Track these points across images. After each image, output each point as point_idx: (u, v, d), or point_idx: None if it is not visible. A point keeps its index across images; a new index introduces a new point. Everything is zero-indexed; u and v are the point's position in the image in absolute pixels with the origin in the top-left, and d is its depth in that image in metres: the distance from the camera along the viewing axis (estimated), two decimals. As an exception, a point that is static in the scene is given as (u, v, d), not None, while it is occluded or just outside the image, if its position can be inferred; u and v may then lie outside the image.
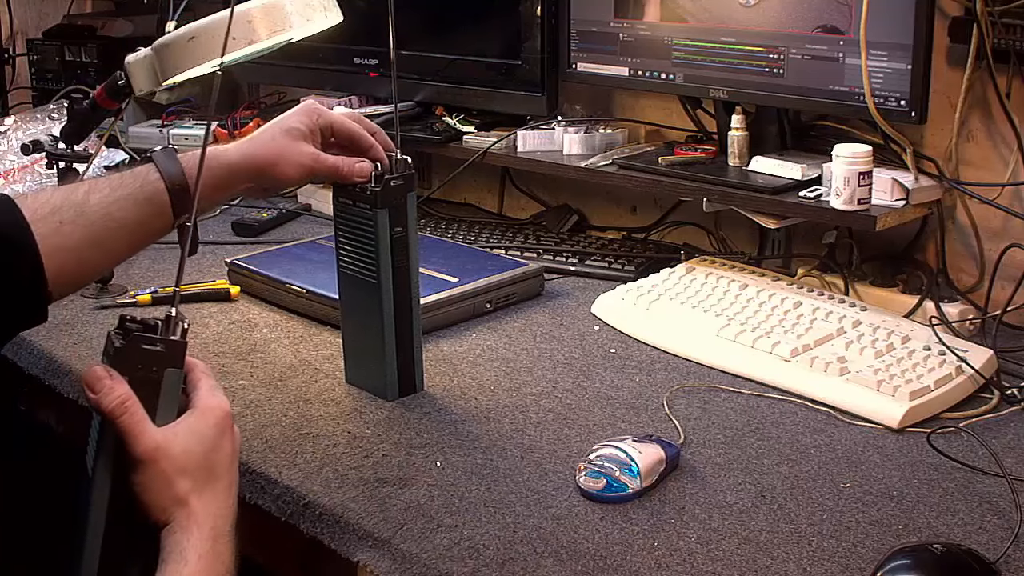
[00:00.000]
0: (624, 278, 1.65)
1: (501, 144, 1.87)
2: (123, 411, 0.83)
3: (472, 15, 1.94)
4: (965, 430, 1.20)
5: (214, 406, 0.89)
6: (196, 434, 0.87)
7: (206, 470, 0.87)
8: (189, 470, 0.85)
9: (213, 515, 0.86)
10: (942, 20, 1.48)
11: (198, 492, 0.86)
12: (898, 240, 1.61)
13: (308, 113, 1.20)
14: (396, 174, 1.23)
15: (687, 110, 1.80)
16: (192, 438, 0.87)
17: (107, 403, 0.83)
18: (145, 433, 0.84)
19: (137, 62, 1.44)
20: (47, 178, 2.02)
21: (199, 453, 0.87)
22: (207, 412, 0.89)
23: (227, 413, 0.90)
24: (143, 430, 0.84)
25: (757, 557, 0.98)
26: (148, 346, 0.85)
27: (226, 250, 1.79)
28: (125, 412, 0.83)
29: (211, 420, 0.88)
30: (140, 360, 0.85)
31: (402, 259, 1.26)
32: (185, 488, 0.85)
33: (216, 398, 0.90)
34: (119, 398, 0.83)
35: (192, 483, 0.86)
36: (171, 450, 0.84)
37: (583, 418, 1.25)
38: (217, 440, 0.88)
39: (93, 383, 0.83)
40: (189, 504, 0.85)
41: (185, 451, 0.86)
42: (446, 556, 0.99)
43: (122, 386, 0.84)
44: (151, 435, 0.84)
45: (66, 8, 2.76)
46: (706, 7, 1.63)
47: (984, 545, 0.99)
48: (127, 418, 0.83)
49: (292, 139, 1.17)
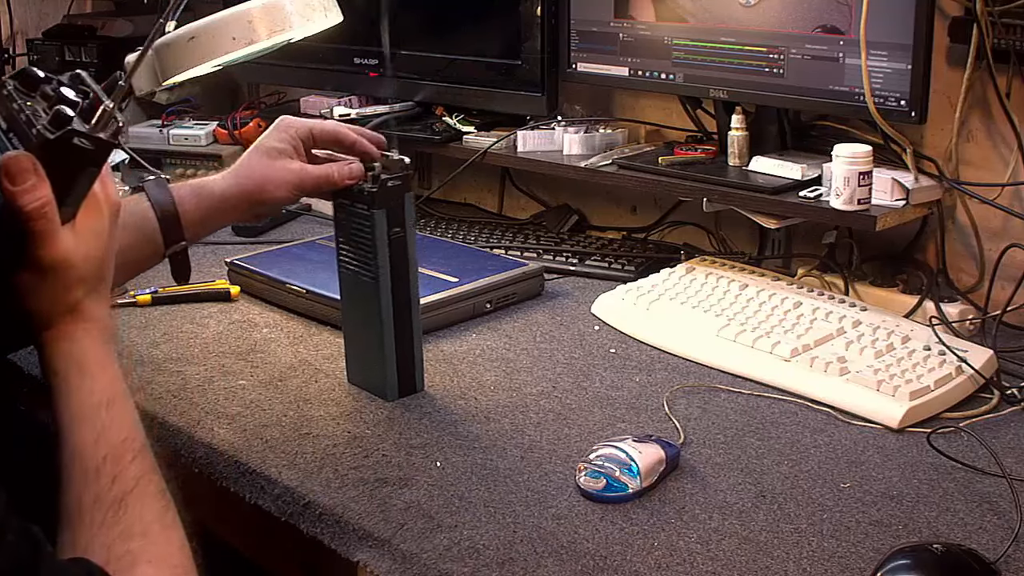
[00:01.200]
0: (624, 278, 1.65)
1: (501, 144, 1.87)
2: (41, 215, 0.77)
3: (472, 15, 1.94)
4: (965, 430, 1.19)
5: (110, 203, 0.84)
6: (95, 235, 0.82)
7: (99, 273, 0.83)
8: (86, 277, 0.81)
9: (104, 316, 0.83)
10: (942, 20, 1.48)
11: (88, 296, 0.81)
12: (898, 240, 1.61)
13: (283, 129, 1.19)
14: (392, 175, 1.23)
15: (687, 110, 1.80)
16: (92, 241, 0.82)
17: (27, 201, 0.77)
18: (57, 239, 0.78)
19: (137, 62, 1.44)
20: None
21: (96, 257, 0.82)
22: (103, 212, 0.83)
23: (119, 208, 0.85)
24: (55, 236, 0.78)
25: (757, 557, 0.98)
26: (79, 142, 0.79)
27: (226, 250, 1.78)
28: (42, 216, 0.77)
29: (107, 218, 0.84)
30: (66, 155, 0.79)
31: (400, 259, 1.26)
32: (78, 295, 0.81)
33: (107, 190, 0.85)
34: (40, 200, 0.77)
35: (85, 289, 0.81)
36: (74, 258, 0.80)
37: (583, 418, 1.25)
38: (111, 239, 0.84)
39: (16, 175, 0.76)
40: (80, 309, 0.81)
41: (85, 257, 0.81)
42: (446, 556, 0.99)
43: (45, 187, 0.77)
44: (61, 241, 0.79)
45: (66, 8, 2.76)
46: (706, 7, 1.63)
47: (984, 545, 0.99)
48: (43, 223, 0.77)
49: (273, 159, 1.16)
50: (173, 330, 1.51)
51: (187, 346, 1.46)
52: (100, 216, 0.83)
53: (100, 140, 0.81)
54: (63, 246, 0.79)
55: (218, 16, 1.33)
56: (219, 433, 1.23)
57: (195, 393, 1.32)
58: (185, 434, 1.23)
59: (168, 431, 1.25)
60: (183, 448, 1.23)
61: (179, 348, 1.45)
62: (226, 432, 1.23)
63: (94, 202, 0.83)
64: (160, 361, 1.40)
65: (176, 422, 1.25)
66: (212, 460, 1.20)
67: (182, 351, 1.44)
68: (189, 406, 1.29)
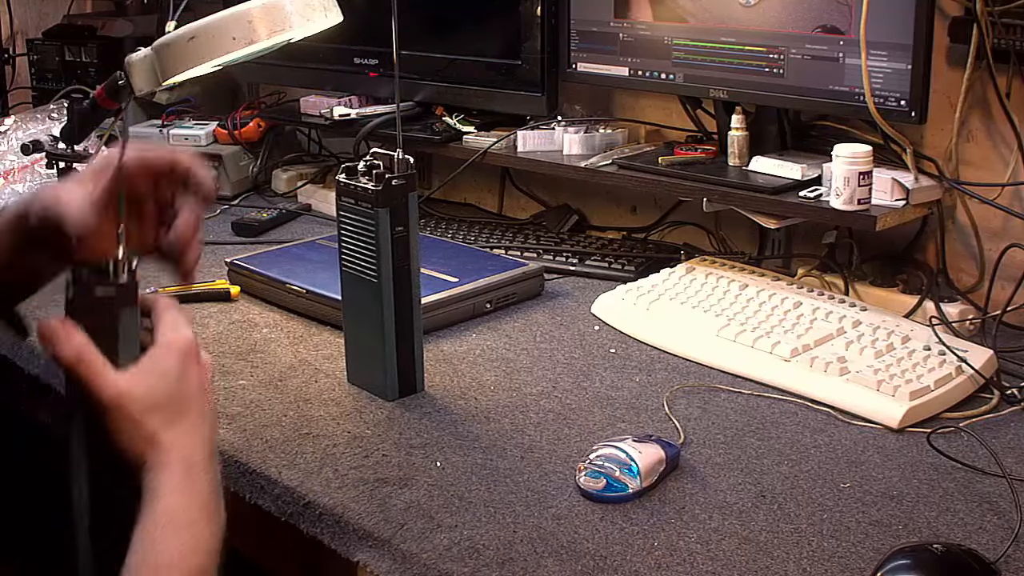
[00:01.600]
0: (624, 278, 1.65)
1: (501, 144, 1.87)
2: (79, 360, 0.82)
3: (472, 15, 1.94)
4: (965, 430, 1.20)
5: (177, 339, 0.88)
6: (159, 370, 0.86)
7: (174, 405, 0.86)
8: (156, 408, 0.85)
9: (185, 447, 0.86)
10: (942, 20, 1.48)
11: (167, 427, 0.85)
12: (898, 240, 1.61)
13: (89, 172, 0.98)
14: (397, 174, 1.23)
15: (687, 110, 1.80)
16: (155, 375, 0.86)
17: (64, 354, 0.82)
18: (106, 379, 0.83)
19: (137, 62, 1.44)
20: (47, 178, 2.02)
21: (164, 390, 0.86)
22: (170, 346, 0.87)
23: (190, 342, 0.89)
24: (104, 377, 0.83)
25: (757, 557, 0.98)
26: (100, 291, 0.85)
27: (226, 250, 1.79)
28: (82, 361, 0.82)
29: (174, 354, 0.87)
30: (94, 306, 0.85)
31: (403, 259, 1.26)
32: (153, 426, 0.84)
33: (179, 331, 0.89)
34: (75, 348, 0.82)
35: (160, 420, 0.85)
36: (135, 392, 0.84)
37: (583, 418, 1.25)
38: (183, 373, 0.87)
39: (48, 336, 0.82)
40: (159, 441, 0.84)
41: (149, 390, 0.85)
42: (446, 556, 0.99)
43: (77, 335, 0.83)
44: (112, 380, 0.83)
45: (66, 8, 2.76)
46: (706, 7, 1.63)
47: (984, 545, 0.99)
48: (85, 367, 0.82)
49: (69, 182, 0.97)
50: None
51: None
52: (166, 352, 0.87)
53: (118, 284, 0.86)
54: (116, 385, 0.83)
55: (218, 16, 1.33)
56: (219, 433, 1.22)
57: (195, 393, 1.32)
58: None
59: (168, 431, 1.25)
60: (183, 448, 1.23)
61: (179, 348, 1.45)
62: (226, 432, 1.23)
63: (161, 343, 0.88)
64: (160, 361, 1.40)
65: (176, 422, 1.25)
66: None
67: (182, 351, 1.44)
68: (189, 406, 1.28)
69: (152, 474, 0.84)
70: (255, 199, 2.17)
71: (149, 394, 0.85)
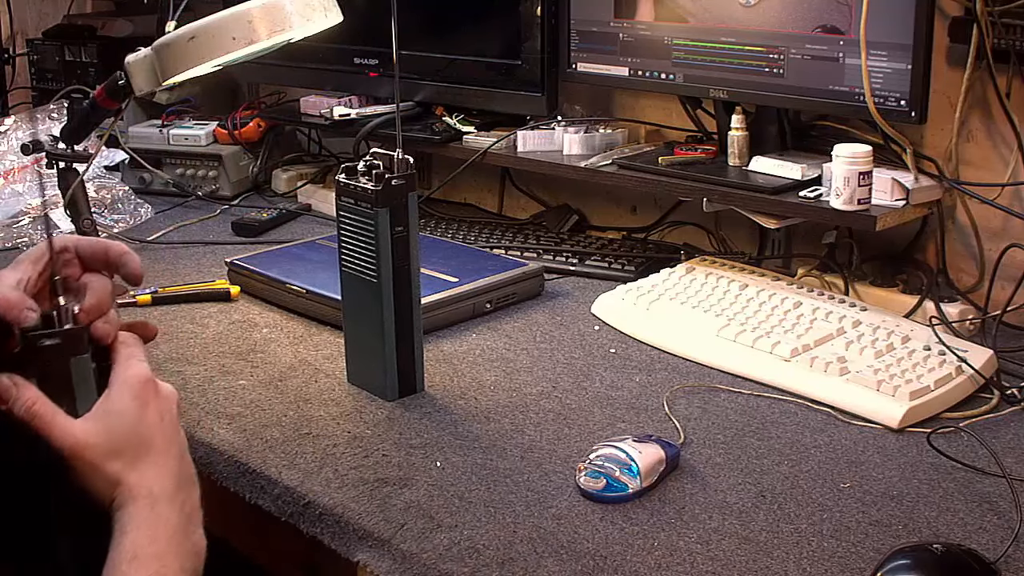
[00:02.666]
0: (624, 278, 1.65)
1: (501, 144, 1.87)
2: (32, 415, 0.83)
3: (472, 15, 1.94)
4: (965, 430, 1.20)
5: (129, 377, 0.88)
6: (114, 413, 0.86)
7: (134, 443, 0.86)
8: (116, 450, 0.85)
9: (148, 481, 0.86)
10: (942, 20, 1.48)
11: (130, 468, 0.85)
12: (898, 240, 1.61)
13: None
14: (397, 174, 1.24)
15: (687, 110, 1.80)
16: (110, 418, 0.86)
17: (17, 410, 0.83)
18: (60, 430, 0.83)
19: (137, 62, 1.45)
20: (47, 178, 2.02)
21: (122, 431, 0.86)
22: (123, 386, 0.87)
23: (145, 380, 0.88)
24: (58, 428, 0.83)
25: (757, 557, 0.98)
26: (47, 342, 0.85)
27: (226, 250, 1.79)
28: (35, 416, 0.83)
29: (127, 393, 0.87)
30: (43, 358, 0.85)
31: (403, 258, 1.26)
32: (116, 469, 0.85)
33: (132, 368, 0.89)
34: (25, 403, 0.83)
35: (123, 461, 0.85)
36: (91, 439, 0.84)
37: (583, 418, 1.25)
38: (139, 411, 0.87)
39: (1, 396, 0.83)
40: (123, 481, 0.85)
41: (107, 435, 0.85)
42: (446, 556, 0.99)
43: (27, 390, 0.83)
44: (68, 430, 0.84)
45: (66, 8, 2.76)
46: (706, 7, 1.63)
47: (984, 545, 0.99)
48: (38, 421, 0.83)
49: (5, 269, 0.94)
50: (173, 330, 1.51)
51: (187, 346, 1.46)
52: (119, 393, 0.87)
53: (63, 332, 0.85)
54: (73, 435, 0.84)
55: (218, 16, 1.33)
56: (219, 433, 1.23)
57: (195, 393, 1.32)
58: (185, 434, 1.23)
59: (168, 431, 1.25)
60: (183, 448, 1.23)
61: (179, 348, 1.45)
62: (226, 432, 1.23)
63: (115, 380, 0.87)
64: (160, 361, 1.40)
65: (176, 422, 1.25)
66: (212, 460, 1.20)
67: (182, 351, 1.44)
68: (189, 406, 1.29)
69: (119, 512, 0.84)
70: (255, 199, 2.17)
71: (107, 439, 0.85)
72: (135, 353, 0.90)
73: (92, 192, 1.95)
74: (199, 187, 2.18)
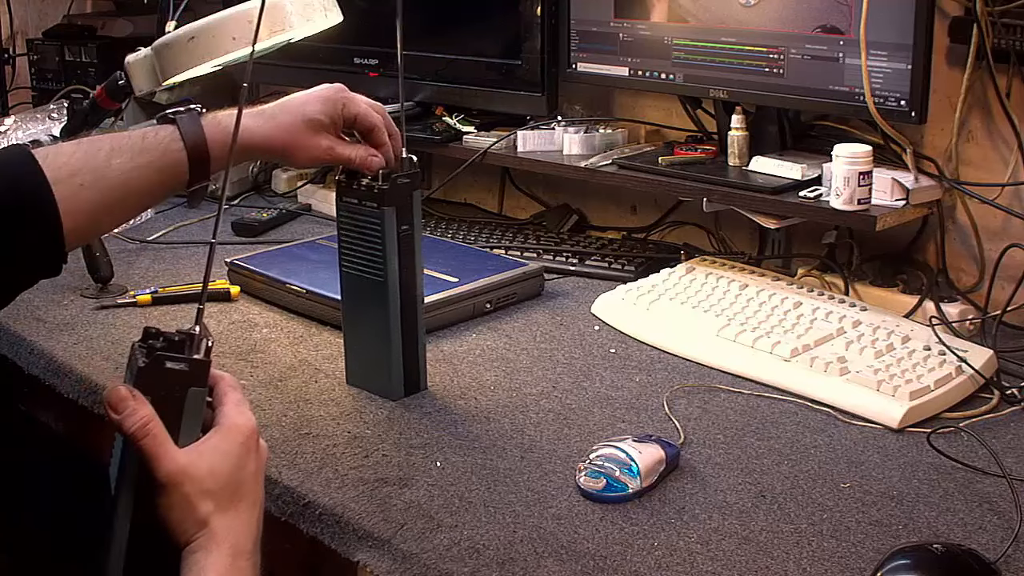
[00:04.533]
0: (624, 278, 1.65)
1: (501, 144, 1.87)
2: (145, 434, 0.82)
3: (472, 15, 1.94)
4: (965, 430, 1.20)
5: (241, 424, 0.88)
6: (220, 454, 0.86)
7: (230, 490, 0.86)
8: (212, 491, 0.84)
9: (235, 534, 0.86)
10: (942, 20, 1.48)
11: (221, 512, 0.85)
12: (898, 240, 1.61)
13: (334, 103, 1.18)
14: (402, 172, 1.24)
15: (687, 110, 1.80)
16: (216, 458, 0.85)
17: (129, 425, 0.82)
18: (167, 456, 0.83)
19: (137, 62, 1.44)
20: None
21: (223, 474, 0.86)
22: (232, 430, 0.87)
23: (253, 430, 0.89)
24: (165, 453, 0.83)
25: (757, 557, 0.98)
26: (172, 365, 0.84)
27: (226, 250, 1.79)
28: (147, 435, 0.82)
29: (237, 438, 0.87)
30: (163, 379, 0.84)
31: (408, 257, 1.26)
32: (208, 509, 0.84)
33: (243, 415, 0.89)
34: (141, 420, 0.82)
35: (215, 504, 0.85)
36: (194, 472, 0.84)
37: (583, 418, 1.25)
38: (242, 459, 0.87)
39: (116, 404, 0.82)
40: (211, 524, 0.84)
41: (209, 473, 0.85)
42: (446, 556, 0.99)
43: (144, 408, 0.83)
44: (173, 458, 0.83)
45: (66, 8, 2.76)
46: (706, 7, 1.63)
47: (984, 545, 0.99)
48: (149, 441, 0.82)
49: (312, 131, 1.16)
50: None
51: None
52: (228, 436, 0.87)
53: (192, 360, 0.85)
54: (177, 462, 0.83)
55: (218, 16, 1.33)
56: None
57: (195, 393, 1.32)
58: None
59: (168, 431, 1.25)
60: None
61: (179, 348, 1.45)
62: (226, 432, 1.23)
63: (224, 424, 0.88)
64: (160, 361, 1.40)
65: (176, 422, 1.25)
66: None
67: (182, 351, 1.44)
68: (189, 406, 1.28)
69: (198, 556, 0.83)
70: (255, 199, 2.17)
71: (208, 476, 0.84)
72: (243, 399, 0.90)
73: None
74: (199, 187, 2.17)
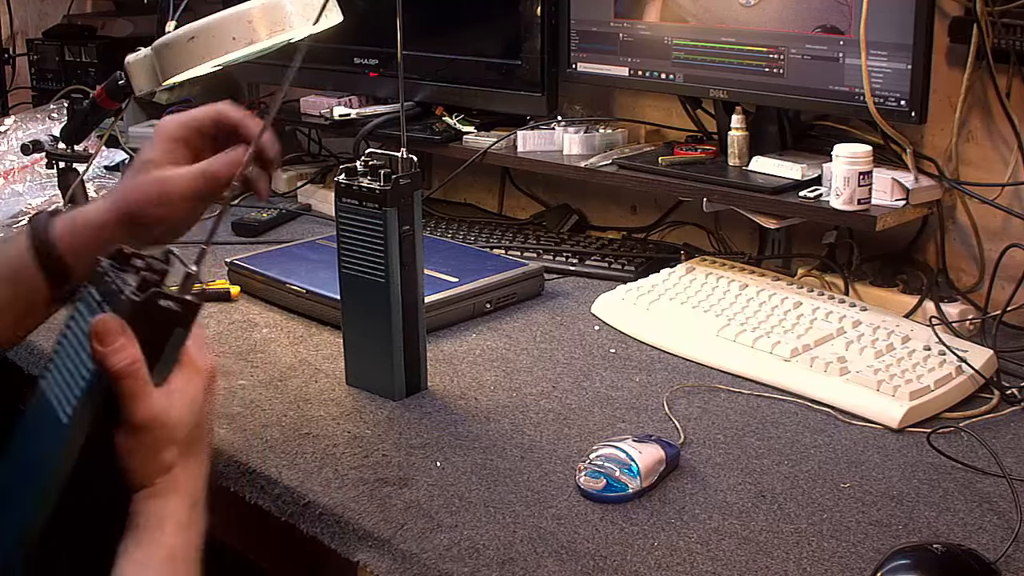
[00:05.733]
0: (624, 278, 1.65)
1: (501, 144, 1.87)
2: (129, 373, 0.79)
3: (472, 15, 1.94)
4: (965, 430, 1.20)
5: (206, 366, 0.86)
6: (188, 399, 0.83)
7: (193, 437, 0.84)
8: (179, 438, 0.82)
9: (194, 481, 0.84)
10: (942, 20, 1.48)
11: (183, 459, 0.83)
12: (898, 240, 1.61)
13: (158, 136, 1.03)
14: (403, 173, 1.24)
15: (687, 110, 1.80)
16: (185, 405, 0.83)
17: (115, 361, 0.78)
18: (148, 399, 0.80)
19: (137, 62, 1.44)
20: (47, 178, 2.02)
21: (190, 420, 0.83)
22: (199, 373, 0.85)
23: (214, 372, 0.87)
24: (147, 396, 0.80)
25: (757, 557, 0.98)
26: (166, 303, 0.81)
27: (226, 250, 1.79)
28: (131, 375, 0.79)
29: (201, 383, 0.85)
30: (153, 317, 0.81)
31: (409, 257, 1.26)
32: (172, 456, 0.82)
33: (205, 357, 0.86)
34: (129, 358, 0.79)
35: (179, 450, 0.83)
36: (166, 419, 0.81)
37: (583, 418, 1.25)
38: (204, 405, 0.85)
39: (104, 336, 0.78)
40: (174, 471, 0.82)
41: (179, 419, 0.82)
42: (446, 556, 0.99)
43: (133, 346, 0.79)
44: (153, 401, 0.80)
45: (66, 8, 2.77)
46: (706, 7, 1.63)
47: (984, 545, 0.99)
48: (132, 381, 0.79)
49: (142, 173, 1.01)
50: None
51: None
52: (195, 381, 0.85)
53: (186, 301, 0.82)
54: (155, 405, 0.81)
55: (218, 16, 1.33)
56: (219, 433, 1.22)
57: (195, 393, 1.32)
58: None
59: (168, 431, 1.25)
60: (183, 448, 1.23)
61: (179, 348, 1.45)
62: (226, 432, 1.23)
63: (190, 367, 0.85)
64: (160, 361, 1.40)
65: (176, 422, 1.25)
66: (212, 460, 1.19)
67: (182, 351, 1.44)
68: (189, 406, 1.28)
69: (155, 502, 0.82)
70: (255, 199, 2.16)
71: (178, 423, 0.82)
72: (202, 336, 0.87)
73: (92, 192, 1.95)
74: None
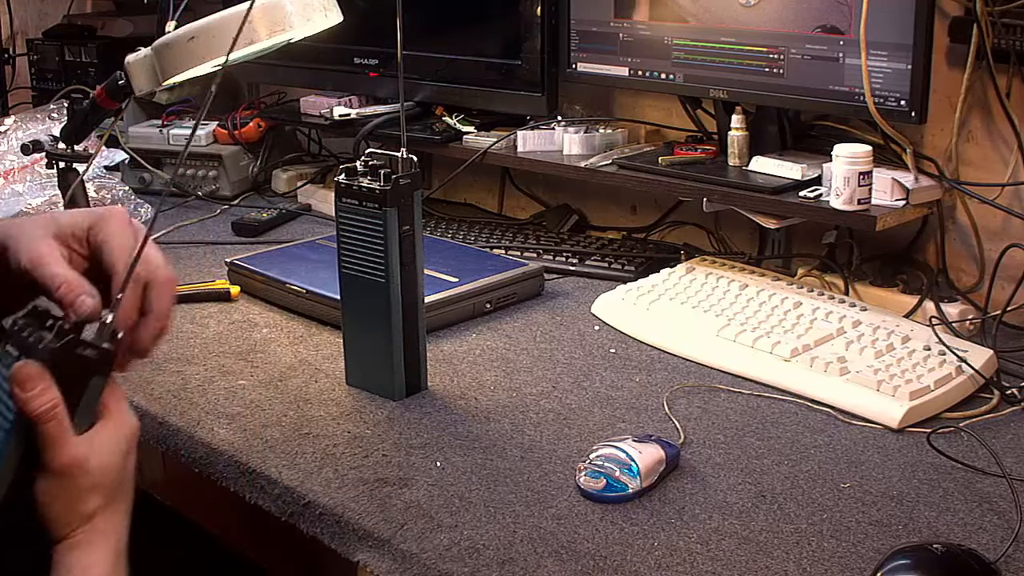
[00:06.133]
0: (624, 278, 1.65)
1: (501, 144, 1.87)
2: (51, 418, 0.79)
3: (472, 15, 1.94)
4: (965, 430, 1.20)
5: (129, 420, 0.85)
6: (111, 447, 0.83)
7: (114, 486, 0.83)
8: (101, 487, 0.82)
9: (118, 531, 0.83)
10: (942, 20, 1.48)
11: (104, 509, 0.82)
12: (898, 240, 1.61)
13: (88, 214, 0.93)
14: (403, 173, 1.24)
15: (687, 110, 1.80)
16: (108, 454, 0.82)
17: (36, 405, 0.78)
18: (68, 444, 0.80)
19: (137, 62, 1.44)
20: (47, 178, 2.02)
21: (113, 470, 0.83)
22: (122, 425, 0.84)
23: (138, 429, 0.86)
24: (67, 441, 0.80)
25: (757, 557, 0.98)
26: (82, 351, 0.81)
27: (226, 250, 1.79)
28: (53, 419, 0.79)
29: (126, 434, 0.84)
30: (71, 364, 0.81)
31: (409, 257, 1.26)
32: (96, 504, 0.81)
33: (129, 412, 0.86)
34: (51, 402, 0.79)
35: (102, 500, 0.82)
36: (88, 466, 0.81)
37: (583, 418, 1.25)
38: (128, 456, 0.85)
39: (24, 381, 0.78)
40: (95, 520, 0.81)
41: (101, 466, 0.82)
42: (446, 556, 0.99)
43: (53, 391, 0.79)
44: (74, 447, 0.80)
45: (66, 8, 2.77)
46: (706, 7, 1.63)
47: (984, 545, 0.99)
48: (54, 426, 0.79)
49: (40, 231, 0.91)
50: (173, 330, 1.50)
51: (187, 346, 1.46)
52: (119, 429, 0.84)
53: (102, 349, 0.82)
54: (75, 451, 0.80)
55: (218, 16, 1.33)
56: (219, 433, 1.23)
57: (195, 393, 1.32)
58: (185, 434, 1.23)
59: (168, 431, 1.25)
60: (183, 448, 1.23)
61: (179, 348, 1.45)
62: (226, 432, 1.23)
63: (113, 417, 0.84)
64: (160, 361, 1.40)
65: (176, 422, 1.25)
66: (212, 460, 1.20)
67: (182, 351, 1.44)
68: (189, 406, 1.29)
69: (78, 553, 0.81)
70: (255, 199, 2.17)
71: (100, 470, 0.81)
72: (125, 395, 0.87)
73: (92, 192, 1.95)
74: (199, 187, 2.18)
